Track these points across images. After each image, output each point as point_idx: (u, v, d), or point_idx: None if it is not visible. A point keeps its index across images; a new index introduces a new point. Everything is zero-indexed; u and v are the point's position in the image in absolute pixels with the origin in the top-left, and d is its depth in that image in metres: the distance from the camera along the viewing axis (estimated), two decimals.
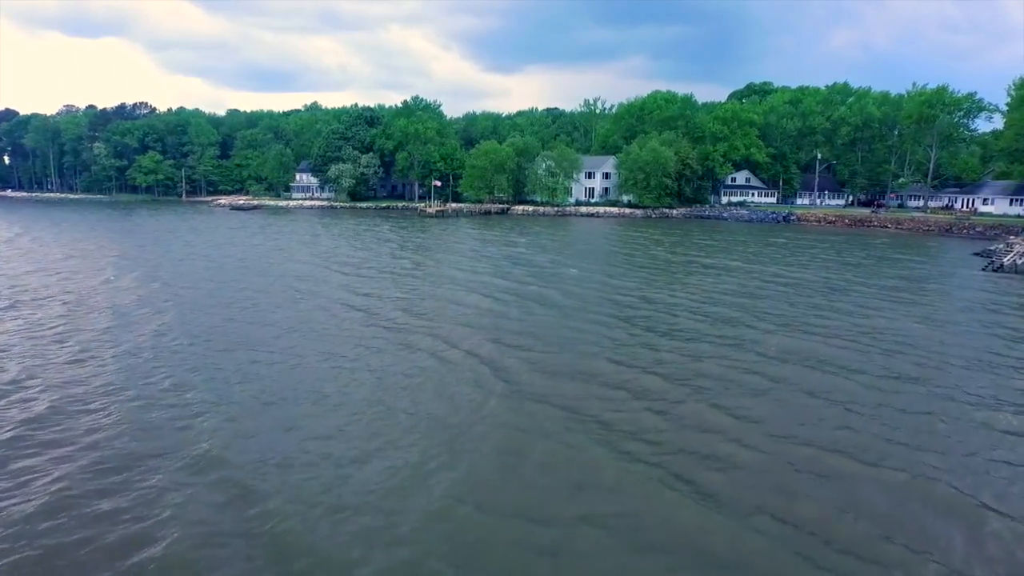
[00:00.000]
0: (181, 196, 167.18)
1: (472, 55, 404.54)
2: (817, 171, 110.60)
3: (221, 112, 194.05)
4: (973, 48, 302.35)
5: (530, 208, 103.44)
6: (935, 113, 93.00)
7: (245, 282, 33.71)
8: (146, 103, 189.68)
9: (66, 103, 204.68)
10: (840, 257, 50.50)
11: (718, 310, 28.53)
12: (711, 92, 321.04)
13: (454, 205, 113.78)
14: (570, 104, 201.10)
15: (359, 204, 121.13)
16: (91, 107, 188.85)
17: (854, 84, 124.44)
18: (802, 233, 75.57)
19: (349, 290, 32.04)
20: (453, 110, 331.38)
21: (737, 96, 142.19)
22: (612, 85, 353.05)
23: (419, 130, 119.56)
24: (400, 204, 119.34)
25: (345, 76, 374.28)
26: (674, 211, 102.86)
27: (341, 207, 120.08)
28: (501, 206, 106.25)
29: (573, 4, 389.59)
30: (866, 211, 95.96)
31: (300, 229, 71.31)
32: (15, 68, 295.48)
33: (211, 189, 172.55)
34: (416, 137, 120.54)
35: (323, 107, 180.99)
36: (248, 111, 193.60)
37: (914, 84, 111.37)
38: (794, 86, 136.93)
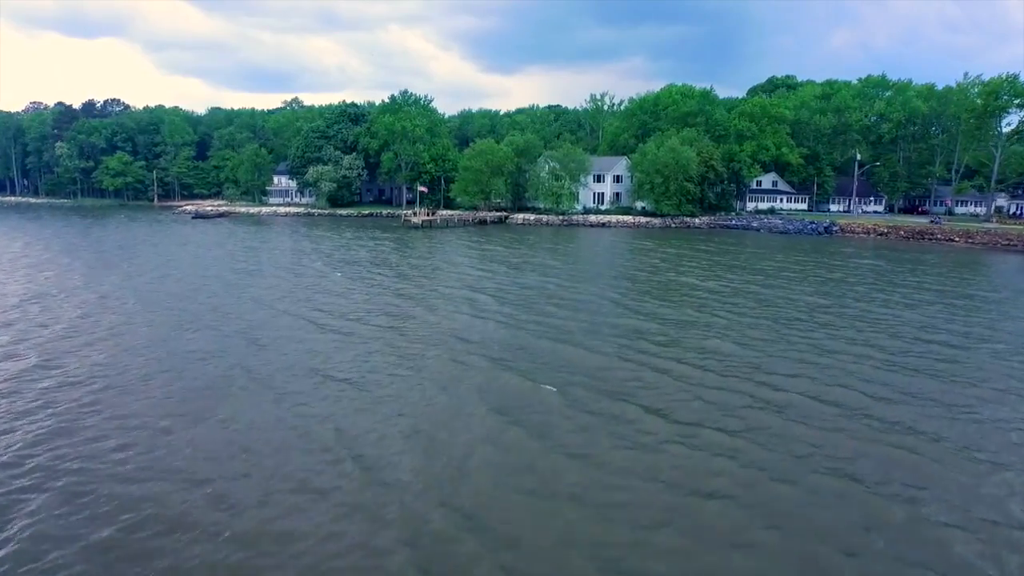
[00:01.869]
0: (153, 200, 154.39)
1: (472, 55, 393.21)
2: (856, 174, 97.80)
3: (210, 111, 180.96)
4: (974, 48, 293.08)
5: (531, 216, 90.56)
6: (1002, 105, 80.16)
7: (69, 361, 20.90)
8: (118, 100, 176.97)
9: (33, 100, 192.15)
10: (964, 295, 37.52)
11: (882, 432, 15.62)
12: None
13: (445, 213, 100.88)
14: (571, 105, 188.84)
15: (340, 211, 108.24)
16: (60, 104, 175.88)
17: (874, 77, 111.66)
18: (857, 249, 62.78)
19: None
20: (452, 110, 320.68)
21: (757, 91, 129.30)
22: (612, 85, 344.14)
23: (406, 128, 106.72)
24: (385, 211, 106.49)
25: (344, 76, 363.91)
26: (696, 220, 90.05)
27: (319, 214, 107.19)
28: (498, 214, 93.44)
29: (573, 4, 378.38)
30: (920, 220, 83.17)
31: (254, 244, 58.53)
32: (13, 69, 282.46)
33: (186, 192, 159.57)
34: (403, 136, 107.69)
35: (305, 104, 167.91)
36: (230, 108, 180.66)
37: (966, 74, 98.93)
38: (820, 79, 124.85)
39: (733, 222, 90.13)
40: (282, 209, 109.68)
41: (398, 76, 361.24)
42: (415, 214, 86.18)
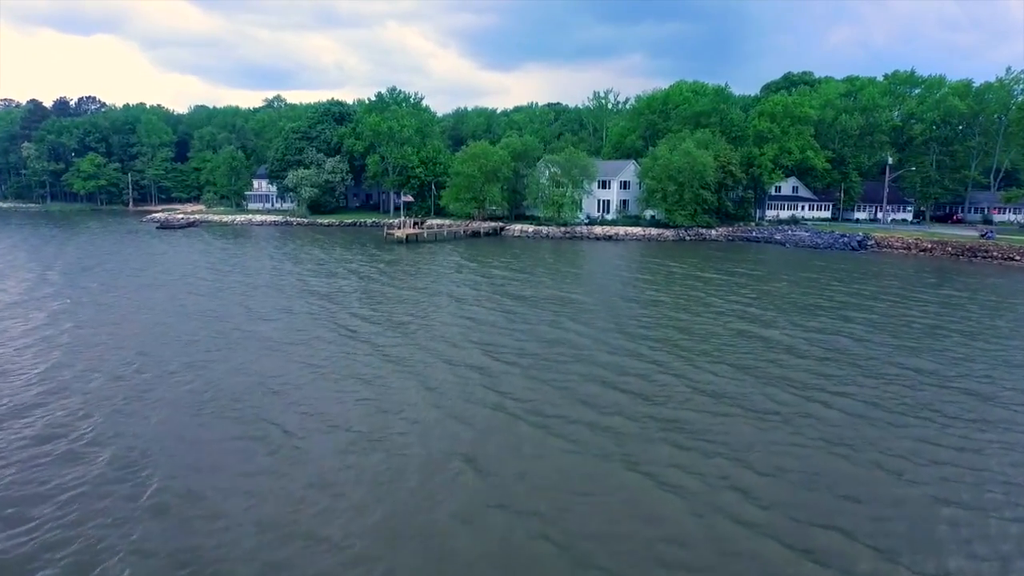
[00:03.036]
0: (127, 205, 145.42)
1: (470, 53, 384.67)
2: (887, 179, 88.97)
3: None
4: (973, 46, 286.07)
5: (530, 228, 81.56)
6: None
7: None
8: (94, 97, 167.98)
9: (4, 97, 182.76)
10: None
11: None
12: None
13: (435, 222, 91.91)
14: (572, 103, 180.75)
15: (321, 219, 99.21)
16: (33, 101, 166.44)
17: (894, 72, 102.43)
18: (908, 270, 53.93)
19: None
20: (451, 108, 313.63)
21: (772, 88, 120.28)
22: (612, 83, 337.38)
23: (393, 128, 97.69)
24: (370, 219, 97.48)
25: (342, 74, 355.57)
26: (713, 231, 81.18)
27: (298, 223, 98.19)
28: (493, 224, 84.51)
29: (572, 1, 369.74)
30: (963, 233, 74.28)
31: (210, 271, 49.56)
32: (7, 66, 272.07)
33: (163, 196, 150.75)
34: (390, 137, 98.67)
35: (302, 101, 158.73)
36: (213, 107, 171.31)
37: (1009, 69, 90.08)
38: (840, 76, 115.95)
39: (754, 234, 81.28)
40: (258, 217, 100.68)
41: (396, 74, 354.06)
42: (400, 225, 77.31)
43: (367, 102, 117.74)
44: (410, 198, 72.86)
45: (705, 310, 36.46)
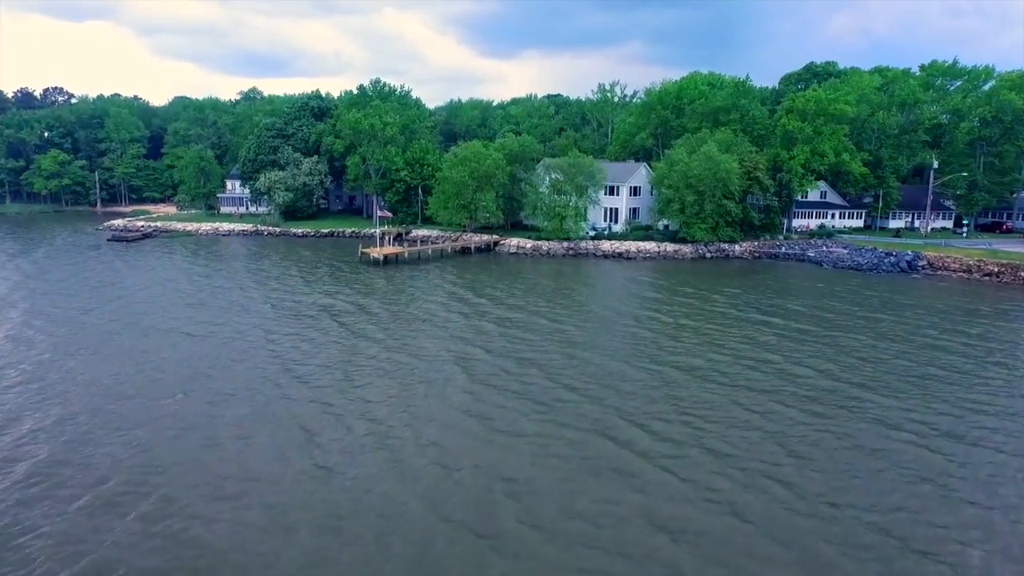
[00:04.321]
0: (95, 205, 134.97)
1: (469, 40, 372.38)
2: (930, 184, 78.88)
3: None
4: (978, 33, 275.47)
5: (528, 243, 71.37)
6: None
7: None
8: (61, 88, 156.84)
9: None
10: None
11: None
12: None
13: (421, 232, 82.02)
14: (573, 94, 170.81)
15: (295, 228, 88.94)
16: None
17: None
18: (977, 303, 44.02)
19: None
20: (449, 97, 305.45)
21: (793, 80, 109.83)
22: (611, 71, 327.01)
23: (375, 126, 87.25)
24: (349, 229, 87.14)
25: (340, 62, 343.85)
26: (736, 246, 71.19)
27: (270, 233, 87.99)
28: (486, 239, 74.42)
29: None
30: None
31: (143, 305, 39.65)
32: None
33: (134, 196, 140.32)
34: (371, 136, 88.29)
35: (265, 94, 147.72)
36: (193, 99, 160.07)
37: None
38: (866, 66, 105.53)
39: (783, 249, 71.30)
40: (226, 226, 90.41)
41: (394, 61, 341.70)
42: (381, 240, 67.28)
43: (347, 94, 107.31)
44: (388, 213, 62.47)
45: (768, 399, 26.52)
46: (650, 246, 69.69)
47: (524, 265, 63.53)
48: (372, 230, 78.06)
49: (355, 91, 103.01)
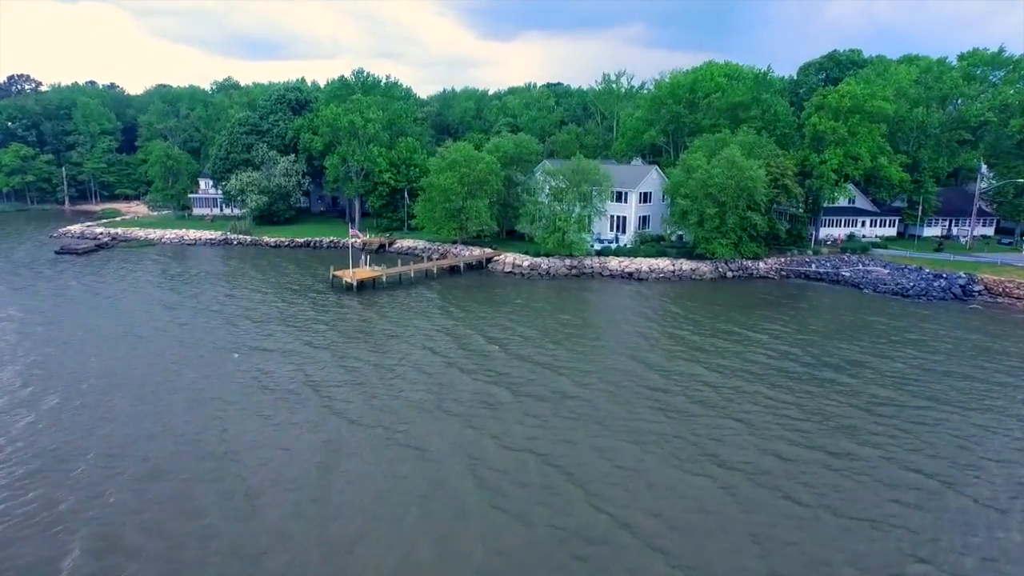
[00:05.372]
0: (63, 203, 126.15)
1: (467, 22, 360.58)
2: (977, 190, 70.52)
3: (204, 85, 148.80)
4: (981, 14, 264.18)
5: (525, 260, 62.91)
6: None
7: None
8: (27, 76, 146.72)
9: None
10: None
11: None
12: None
13: (406, 244, 73.89)
14: (574, 83, 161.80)
15: (268, 236, 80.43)
16: None
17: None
18: None
19: None
20: (447, 83, 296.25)
21: (813, 69, 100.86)
22: (612, 53, 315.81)
23: (355, 123, 78.44)
24: (328, 238, 78.62)
25: (336, 47, 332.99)
26: (761, 263, 62.99)
27: (239, 242, 79.53)
28: (478, 254, 66.12)
29: None
30: None
31: (55, 362, 31.68)
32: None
33: (106, 193, 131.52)
34: (351, 133, 79.55)
35: (245, 83, 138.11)
36: (179, 87, 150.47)
37: None
38: (894, 56, 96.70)
39: (812, 267, 63.06)
40: (192, 233, 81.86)
41: (392, 44, 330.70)
42: (363, 245, 59.07)
43: (328, 85, 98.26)
44: (358, 233, 53.41)
45: (861, 526, 18.51)
46: (663, 264, 61.43)
47: (521, 290, 55.32)
48: (351, 239, 69.92)
49: (338, 81, 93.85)
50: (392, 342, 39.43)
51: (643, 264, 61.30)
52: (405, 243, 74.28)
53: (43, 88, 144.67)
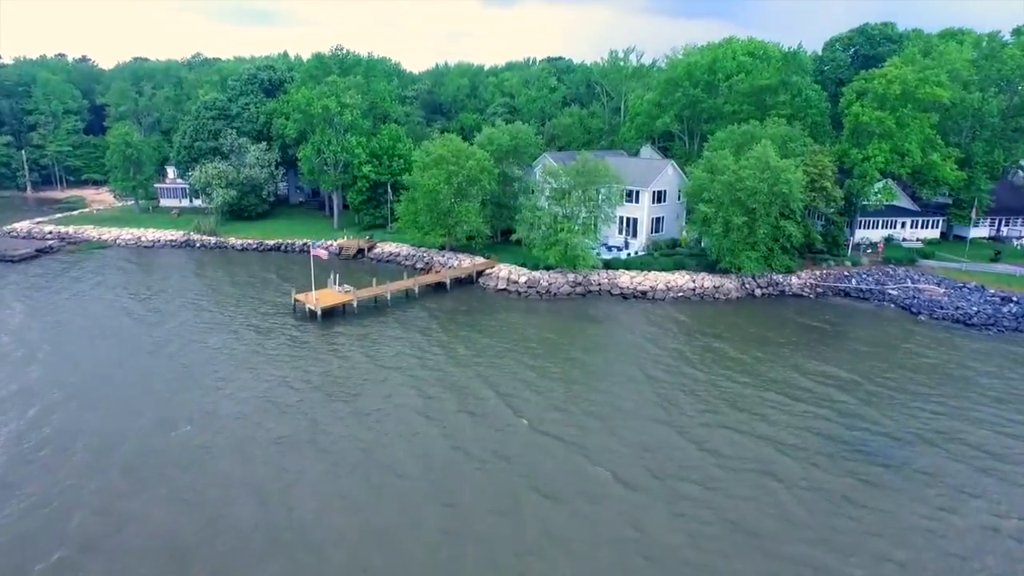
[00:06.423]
0: (25, 190, 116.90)
1: None
2: None
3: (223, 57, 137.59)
4: None
5: (522, 276, 54.24)
6: None
7: None
8: None
9: None
10: None
11: None
12: (719, 29, 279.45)
13: (388, 248, 65.36)
14: (576, 58, 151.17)
15: (234, 237, 71.68)
16: None
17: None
18: None
19: None
20: (443, 55, 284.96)
21: (841, 45, 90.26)
22: (612, 21, 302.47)
23: (330, 108, 69.11)
24: (300, 240, 69.70)
25: (333, 12, 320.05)
26: (793, 278, 54.51)
27: (203, 244, 70.87)
28: (467, 266, 57.60)
29: None
30: None
31: None
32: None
33: (72, 178, 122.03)
34: (327, 120, 70.30)
35: (221, 60, 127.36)
36: (155, 60, 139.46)
37: None
38: (932, 28, 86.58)
39: (852, 282, 54.60)
40: (152, 233, 73.10)
41: (388, 5, 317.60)
42: (339, 250, 50.54)
43: (309, 60, 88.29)
44: (323, 254, 45.01)
45: None
46: (682, 280, 52.96)
47: (517, 317, 47.04)
48: (330, 241, 61.49)
49: (314, 59, 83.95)
50: (354, 417, 31.32)
51: (658, 280, 52.83)
52: (387, 248, 65.69)
53: (4, 61, 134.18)
